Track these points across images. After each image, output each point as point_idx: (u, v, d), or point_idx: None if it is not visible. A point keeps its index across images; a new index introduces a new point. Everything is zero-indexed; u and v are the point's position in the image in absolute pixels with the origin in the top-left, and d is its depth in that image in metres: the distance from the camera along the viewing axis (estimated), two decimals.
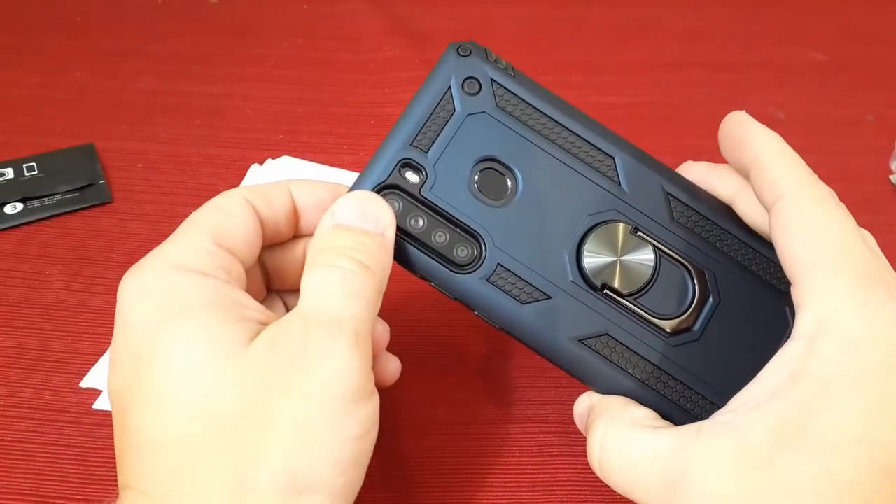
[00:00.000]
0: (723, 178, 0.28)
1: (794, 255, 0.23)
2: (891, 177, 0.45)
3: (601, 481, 0.26)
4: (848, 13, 0.58)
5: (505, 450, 0.32)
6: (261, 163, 0.44)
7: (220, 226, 0.26)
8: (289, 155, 0.45)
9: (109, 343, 0.34)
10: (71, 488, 0.31)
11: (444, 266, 0.27)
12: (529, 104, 0.28)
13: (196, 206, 0.27)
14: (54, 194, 0.42)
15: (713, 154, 0.29)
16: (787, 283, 0.24)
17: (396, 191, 0.28)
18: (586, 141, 0.28)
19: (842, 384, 0.21)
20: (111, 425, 0.29)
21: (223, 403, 0.22)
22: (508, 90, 0.29)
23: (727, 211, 0.28)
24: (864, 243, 0.23)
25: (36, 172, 0.43)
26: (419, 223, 0.27)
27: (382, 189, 0.27)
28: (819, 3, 0.59)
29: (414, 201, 0.28)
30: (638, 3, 0.59)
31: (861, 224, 0.23)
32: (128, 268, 0.25)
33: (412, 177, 0.28)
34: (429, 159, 0.28)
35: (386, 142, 0.28)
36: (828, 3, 0.59)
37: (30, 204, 0.42)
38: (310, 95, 0.50)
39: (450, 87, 0.28)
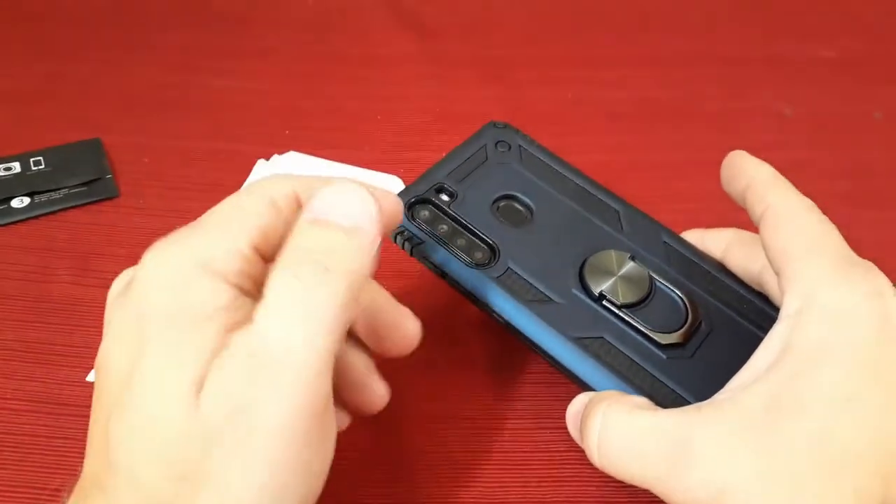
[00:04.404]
0: (714, 237, 0.31)
1: (779, 248, 0.25)
2: None
3: (609, 476, 0.26)
4: (856, 9, 0.57)
5: (514, 445, 0.32)
6: (267, 158, 0.44)
7: (266, 227, 0.23)
8: (295, 150, 0.45)
9: None
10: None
11: (461, 260, 0.30)
12: (549, 165, 0.34)
13: (202, 201, 0.25)
14: (61, 188, 0.42)
15: (719, 149, 0.30)
16: (772, 324, 0.25)
17: (428, 204, 0.32)
18: (595, 196, 0.33)
19: (829, 351, 0.22)
20: None
21: (176, 454, 0.20)
22: (532, 154, 0.34)
23: (719, 264, 0.31)
24: (840, 237, 0.25)
25: (43, 167, 0.43)
26: (443, 228, 0.31)
27: (417, 203, 0.32)
28: None
29: (442, 214, 0.31)
30: None
31: (868, 220, 0.24)
32: (135, 262, 0.23)
33: (444, 197, 0.32)
34: (460, 186, 0.32)
35: (425, 173, 0.33)
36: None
37: (37, 198, 0.42)
38: (316, 90, 0.50)
39: (485, 145, 0.34)
